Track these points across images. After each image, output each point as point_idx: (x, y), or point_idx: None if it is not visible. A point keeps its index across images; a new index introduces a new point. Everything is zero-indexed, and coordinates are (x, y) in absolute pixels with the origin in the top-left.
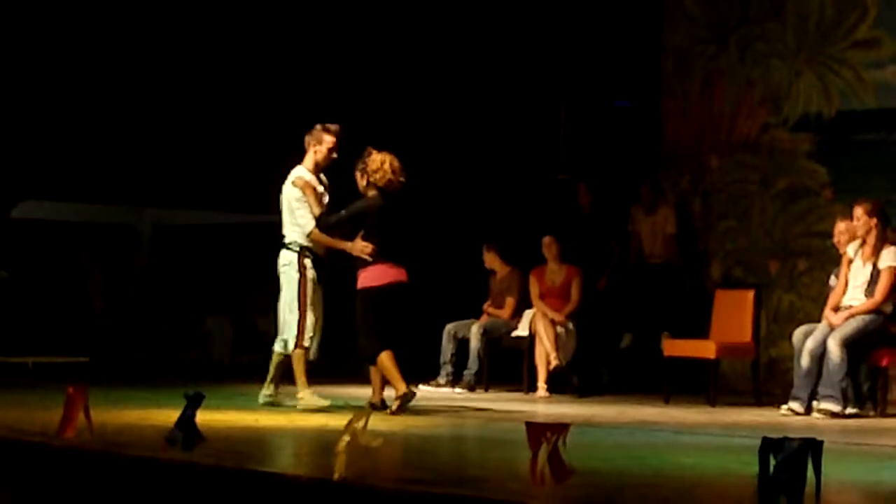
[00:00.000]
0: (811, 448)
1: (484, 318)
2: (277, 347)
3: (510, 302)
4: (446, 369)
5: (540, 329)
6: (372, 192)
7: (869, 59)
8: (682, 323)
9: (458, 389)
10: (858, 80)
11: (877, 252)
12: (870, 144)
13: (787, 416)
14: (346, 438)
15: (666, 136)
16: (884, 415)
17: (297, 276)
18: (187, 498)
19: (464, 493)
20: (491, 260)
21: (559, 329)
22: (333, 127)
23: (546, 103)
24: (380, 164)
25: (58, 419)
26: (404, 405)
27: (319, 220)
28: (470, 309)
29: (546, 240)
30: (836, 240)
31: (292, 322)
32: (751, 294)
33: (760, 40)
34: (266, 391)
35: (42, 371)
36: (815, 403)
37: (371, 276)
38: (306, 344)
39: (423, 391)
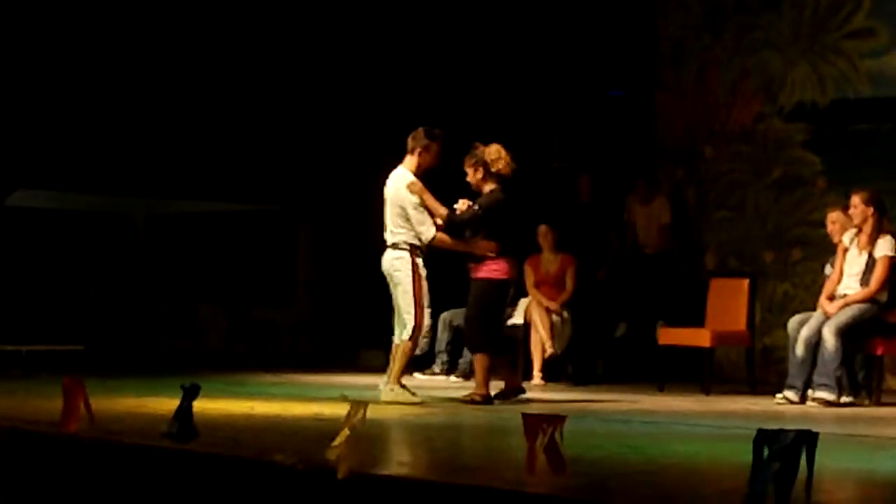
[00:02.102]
0: (806, 440)
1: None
2: (396, 340)
3: None
4: (441, 358)
5: (535, 317)
6: (491, 185)
7: (864, 49)
8: (677, 312)
9: (453, 378)
10: (853, 70)
11: (872, 241)
12: (864, 134)
13: (781, 405)
14: (346, 432)
15: (660, 125)
16: (878, 403)
17: (408, 275)
18: (184, 486)
19: (459, 482)
20: None
21: (554, 317)
22: (438, 132)
23: (541, 92)
24: (498, 154)
25: (54, 408)
26: (471, 403)
27: (450, 219)
28: (465, 298)
29: (541, 228)
30: (829, 229)
31: (408, 319)
32: (745, 282)
33: (755, 29)
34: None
35: (36, 359)
36: (809, 392)
37: (498, 269)
38: (419, 342)
39: (419, 380)
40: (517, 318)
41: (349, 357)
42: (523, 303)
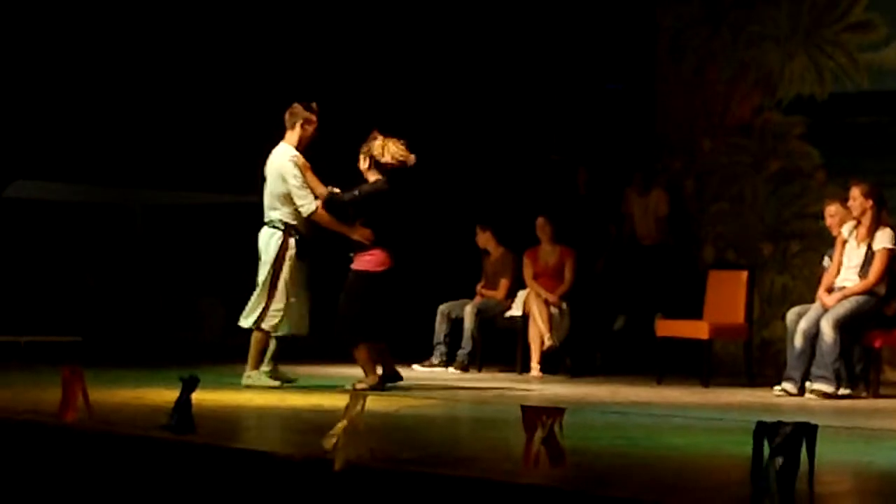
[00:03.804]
0: (805, 432)
1: (477, 299)
2: (243, 324)
3: (504, 282)
4: (440, 350)
5: (534, 309)
6: (376, 175)
7: (863, 42)
8: (675, 304)
9: (451, 370)
10: (852, 63)
11: (871, 233)
12: (863, 127)
13: (779, 397)
14: (343, 423)
15: (659, 118)
16: (876, 396)
17: (275, 254)
18: (182, 478)
19: (457, 473)
20: (485, 241)
21: (553, 309)
22: (315, 105)
23: (539, 85)
24: (383, 147)
25: (52, 399)
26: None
27: (330, 199)
28: (463, 289)
29: (540, 220)
30: (828, 222)
31: (260, 301)
32: (744, 275)
33: (754, 22)
34: (262, 369)
35: (34, 350)
36: (807, 384)
37: (372, 261)
38: (266, 326)
39: (417, 371)
40: (516, 311)
41: (348, 348)
42: (522, 295)
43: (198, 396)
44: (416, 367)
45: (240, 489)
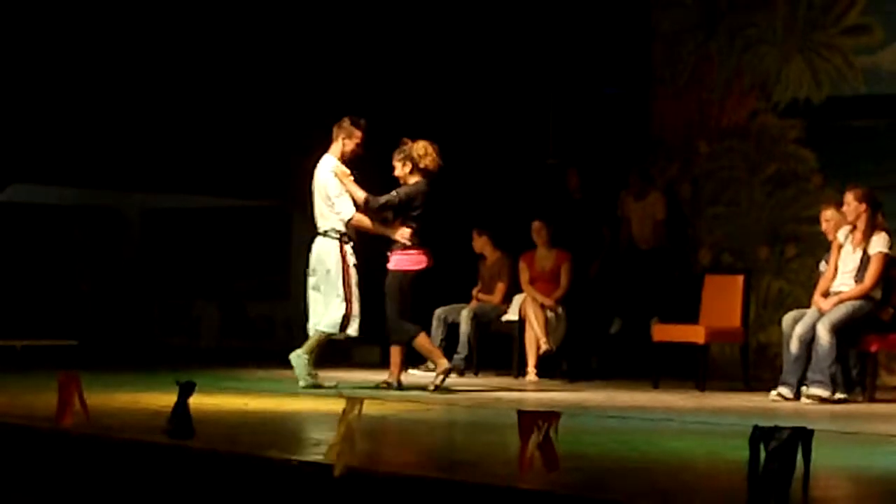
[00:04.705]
0: (801, 437)
1: (474, 303)
2: (311, 332)
3: (500, 287)
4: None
5: (530, 314)
6: (416, 178)
7: (859, 45)
8: (672, 308)
9: None
10: (848, 66)
11: (867, 238)
12: (859, 130)
13: (776, 402)
14: (342, 430)
15: (655, 121)
16: (872, 400)
17: (338, 263)
18: (179, 483)
19: (453, 478)
20: (481, 245)
21: (549, 314)
22: (363, 122)
23: (536, 89)
24: (425, 150)
25: (48, 403)
26: (445, 379)
27: (367, 202)
28: (460, 294)
29: (535, 225)
30: (823, 227)
31: (337, 305)
32: (740, 279)
33: (750, 26)
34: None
35: (30, 354)
36: (804, 389)
37: (410, 260)
38: (352, 331)
39: (413, 376)
40: (512, 315)
41: (343, 352)
42: (518, 299)
43: (194, 401)
44: (412, 371)
45: (238, 494)
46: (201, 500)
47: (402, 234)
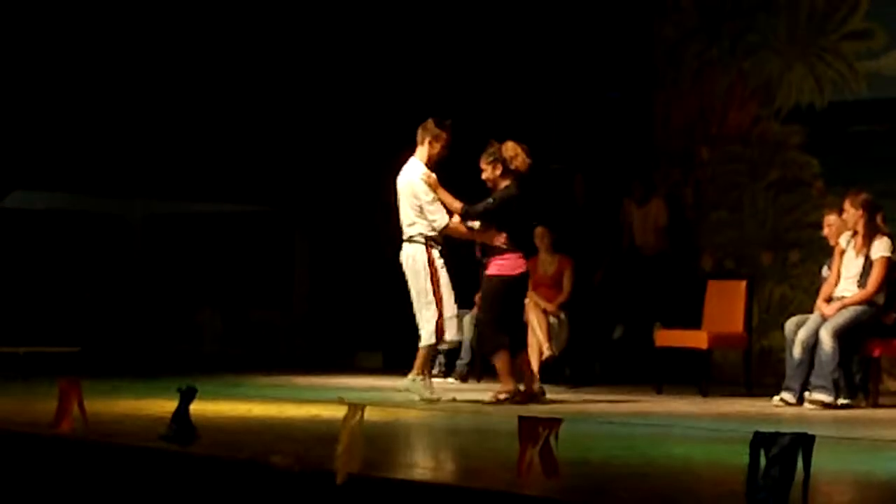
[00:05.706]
0: (802, 443)
1: (476, 309)
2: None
3: None
4: (439, 360)
5: (532, 319)
6: (507, 181)
7: (861, 50)
8: (674, 313)
9: (450, 380)
10: (851, 71)
11: (868, 243)
12: (862, 135)
13: (778, 407)
14: (344, 439)
15: (657, 127)
16: (875, 406)
17: (424, 268)
18: (181, 489)
19: (456, 483)
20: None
21: (551, 319)
22: (448, 122)
23: (538, 93)
24: (514, 150)
25: (50, 410)
26: (505, 402)
27: (466, 212)
28: (463, 299)
29: (538, 230)
30: (825, 232)
31: (429, 315)
32: (743, 284)
33: (752, 31)
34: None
35: (33, 360)
36: (806, 394)
37: (507, 265)
38: (449, 337)
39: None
40: None
41: (346, 358)
42: None
43: (196, 407)
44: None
45: (239, 501)
46: None
47: (500, 239)
